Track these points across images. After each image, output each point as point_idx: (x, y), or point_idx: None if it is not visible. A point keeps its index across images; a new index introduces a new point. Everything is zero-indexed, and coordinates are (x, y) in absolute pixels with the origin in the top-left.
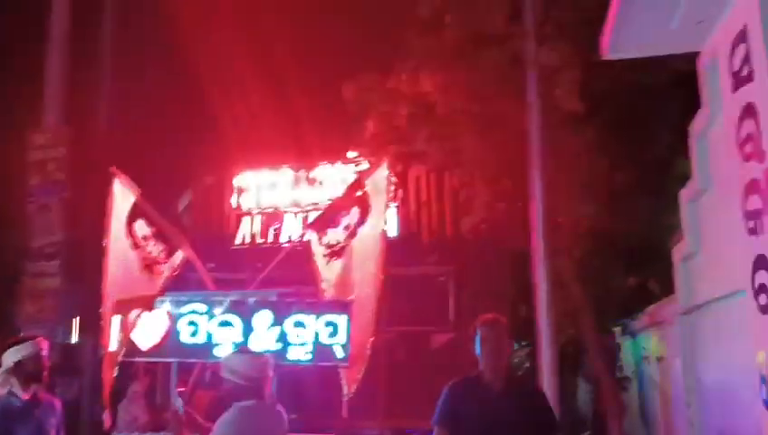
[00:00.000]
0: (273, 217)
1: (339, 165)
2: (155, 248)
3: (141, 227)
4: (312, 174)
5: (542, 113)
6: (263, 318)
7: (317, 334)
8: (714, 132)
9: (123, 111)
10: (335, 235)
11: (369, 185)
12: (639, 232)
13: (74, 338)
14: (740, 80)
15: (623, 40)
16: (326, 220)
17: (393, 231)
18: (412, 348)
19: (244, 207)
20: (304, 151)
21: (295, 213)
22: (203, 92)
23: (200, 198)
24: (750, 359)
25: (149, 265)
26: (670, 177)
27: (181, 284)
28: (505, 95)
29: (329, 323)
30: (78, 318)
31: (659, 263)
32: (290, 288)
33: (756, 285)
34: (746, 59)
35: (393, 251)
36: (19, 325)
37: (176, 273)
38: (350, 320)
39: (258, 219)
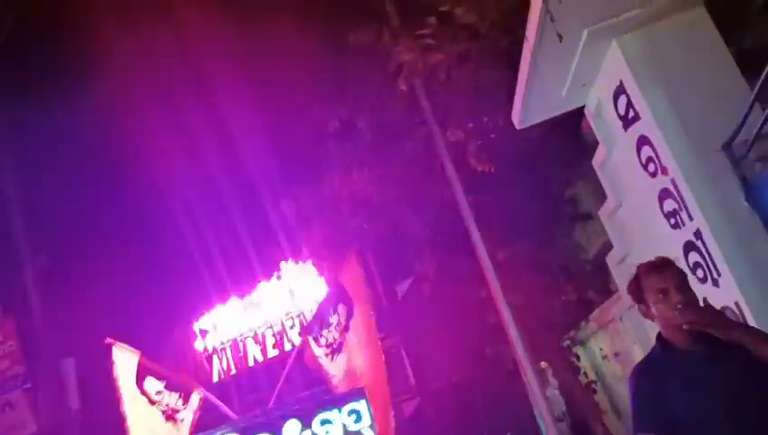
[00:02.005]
0: (236, 346)
1: (276, 280)
2: (171, 398)
3: (151, 384)
4: (255, 297)
5: (461, 181)
6: (292, 427)
7: (344, 426)
8: (613, 161)
9: (60, 289)
10: (330, 334)
11: (345, 281)
12: (563, 253)
13: None
14: (628, 119)
15: (529, 113)
16: (318, 323)
17: None
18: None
19: (210, 347)
20: (249, 275)
21: (253, 336)
22: (141, 250)
23: (170, 349)
24: None
25: (171, 415)
26: (563, 202)
27: (205, 423)
28: (428, 173)
29: (351, 412)
30: None
31: (587, 275)
32: (304, 392)
33: (691, 264)
34: (629, 105)
35: None
36: None
37: (197, 415)
38: (368, 403)
39: (228, 351)
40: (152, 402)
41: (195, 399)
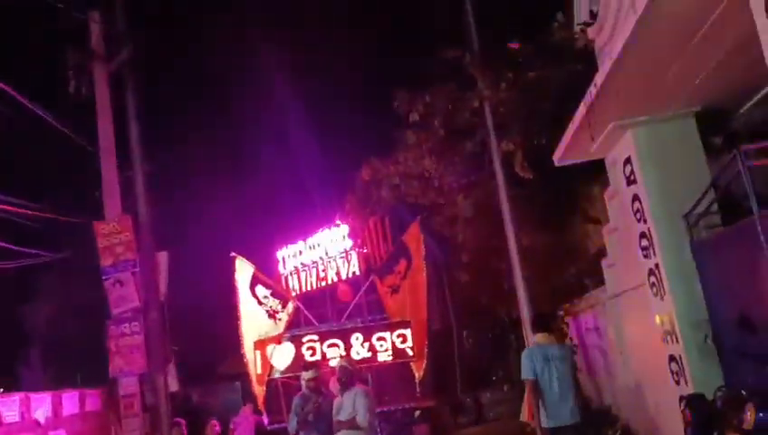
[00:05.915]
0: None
1: (330, 229)
2: (273, 302)
3: (261, 290)
4: (313, 240)
5: (507, 183)
6: (356, 338)
7: (394, 343)
8: (617, 200)
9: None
10: (393, 279)
11: (408, 239)
12: (573, 247)
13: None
14: (630, 181)
15: (566, 156)
16: (385, 269)
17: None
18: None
19: (287, 270)
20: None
21: (310, 267)
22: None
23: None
24: (650, 321)
25: (272, 315)
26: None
27: (296, 323)
28: (480, 169)
29: (399, 335)
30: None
31: (586, 265)
32: (370, 316)
33: (650, 282)
34: (632, 172)
35: None
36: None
37: (291, 317)
38: (411, 332)
39: (295, 277)
40: (260, 303)
41: (290, 306)
